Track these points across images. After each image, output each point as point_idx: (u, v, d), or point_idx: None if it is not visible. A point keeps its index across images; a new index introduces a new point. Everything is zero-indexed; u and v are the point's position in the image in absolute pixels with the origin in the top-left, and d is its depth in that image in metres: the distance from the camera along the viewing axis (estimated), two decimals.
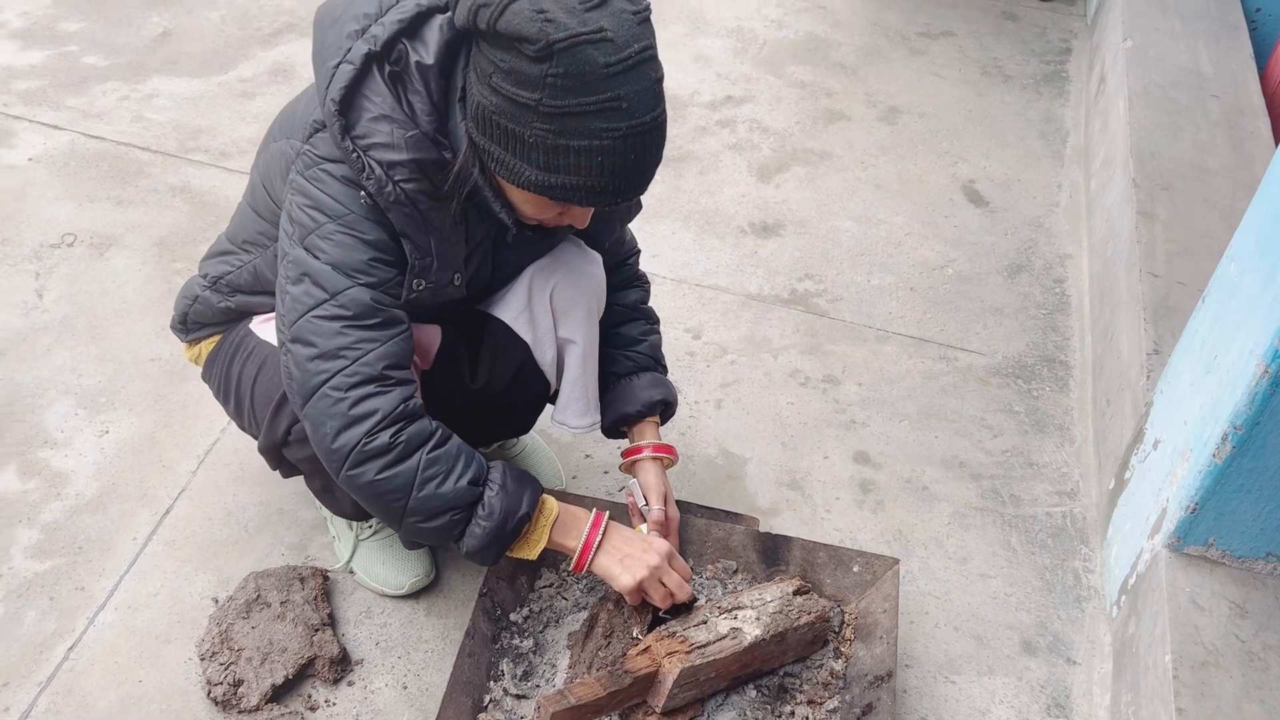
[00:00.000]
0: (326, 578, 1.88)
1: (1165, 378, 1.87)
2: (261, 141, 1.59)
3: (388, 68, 1.33)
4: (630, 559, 1.52)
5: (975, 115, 3.08)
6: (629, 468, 1.78)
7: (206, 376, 1.77)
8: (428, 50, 1.33)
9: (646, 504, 1.74)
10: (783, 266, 2.58)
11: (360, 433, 1.36)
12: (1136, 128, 2.59)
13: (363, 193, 1.36)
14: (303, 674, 1.74)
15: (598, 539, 1.52)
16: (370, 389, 1.36)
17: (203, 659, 1.75)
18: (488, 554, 1.45)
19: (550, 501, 1.51)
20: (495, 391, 1.71)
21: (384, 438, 1.36)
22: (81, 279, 2.43)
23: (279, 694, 1.72)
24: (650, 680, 1.56)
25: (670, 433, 2.18)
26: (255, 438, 1.70)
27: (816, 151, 2.91)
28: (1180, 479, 1.68)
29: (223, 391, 1.71)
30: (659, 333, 1.87)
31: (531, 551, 1.49)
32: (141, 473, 2.06)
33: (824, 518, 2.06)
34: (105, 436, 2.12)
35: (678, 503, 1.89)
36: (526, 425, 1.92)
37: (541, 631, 1.75)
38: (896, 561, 1.79)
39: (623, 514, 1.80)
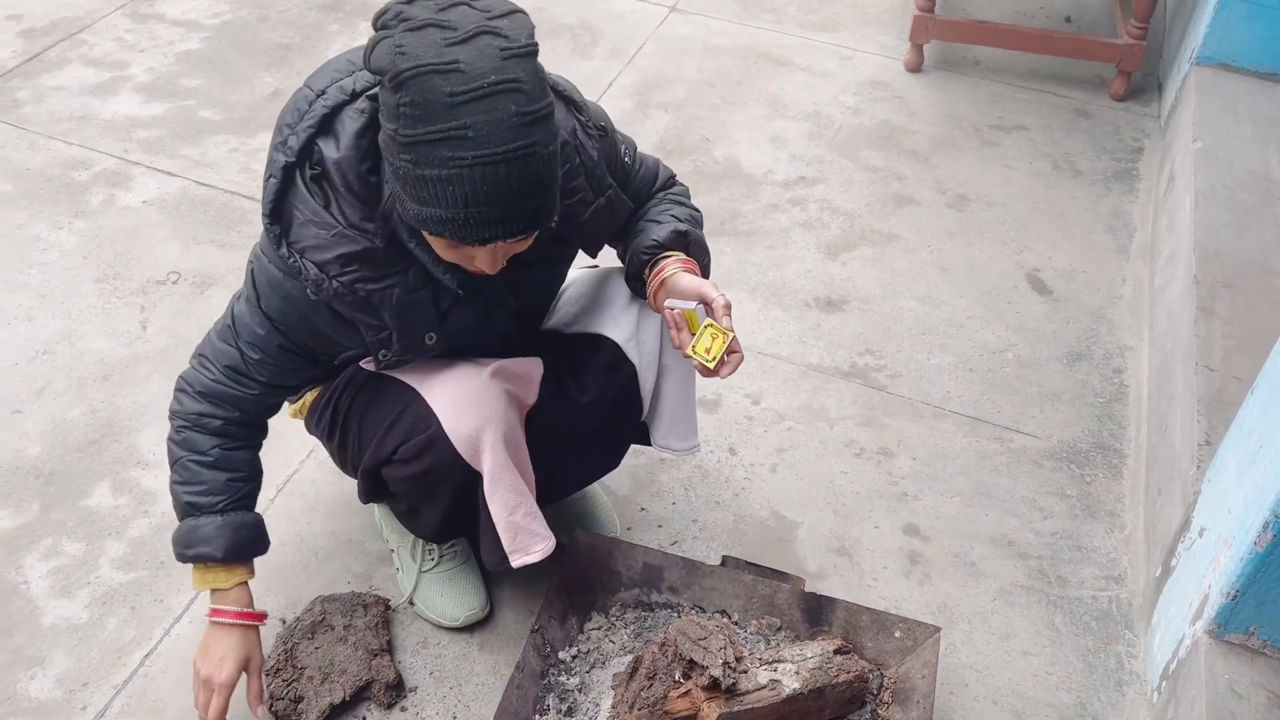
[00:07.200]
0: (388, 606, 1.97)
1: (1213, 467, 1.89)
2: None
3: (309, 172, 1.44)
4: (208, 657, 1.68)
5: (1043, 207, 3.14)
6: (656, 292, 1.64)
7: (311, 422, 1.85)
8: (337, 144, 1.42)
9: (696, 305, 1.56)
10: (844, 340, 2.65)
11: (170, 413, 1.68)
12: (1201, 226, 2.63)
13: (308, 289, 1.48)
14: (359, 696, 1.83)
15: (209, 619, 1.69)
16: (187, 391, 1.65)
17: (267, 674, 1.85)
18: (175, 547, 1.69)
19: (215, 573, 1.68)
20: (602, 409, 1.79)
21: (172, 427, 1.67)
22: (182, 314, 2.60)
23: (336, 713, 1.81)
24: None
25: (724, 492, 2.25)
26: (354, 473, 1.80)
27: (884, 233, 2.99)
28: (1222, 566, 1.70)
29: (329, 427, 1.78)
30: (687, 205, 1.77)
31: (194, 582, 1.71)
32: None
33: (870, 585, 2.11)
34: None
35: (726, 557, 1.96)
36: (615, 459, 1.97)
37: (588, 671, 1.82)
38: (938, 630, 1.83)
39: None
